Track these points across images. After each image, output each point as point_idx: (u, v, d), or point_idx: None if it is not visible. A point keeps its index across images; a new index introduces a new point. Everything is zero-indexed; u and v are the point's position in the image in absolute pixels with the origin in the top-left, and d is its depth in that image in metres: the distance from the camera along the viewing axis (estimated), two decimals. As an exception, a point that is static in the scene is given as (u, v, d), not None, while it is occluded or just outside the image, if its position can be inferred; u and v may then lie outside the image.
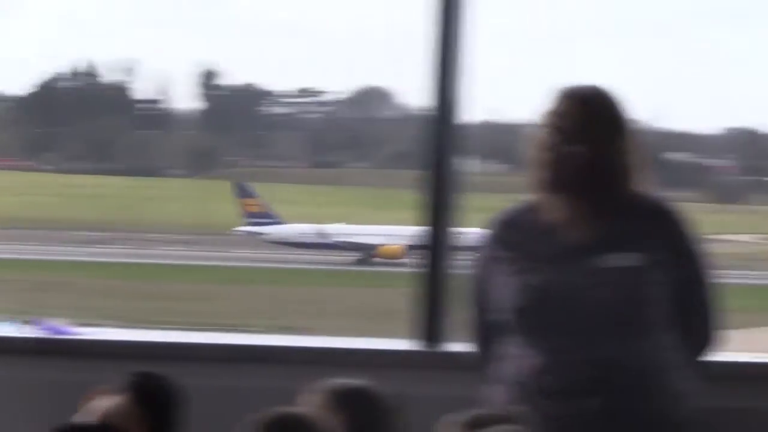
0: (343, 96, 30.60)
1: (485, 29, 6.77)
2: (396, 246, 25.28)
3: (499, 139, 22.51)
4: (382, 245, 26.56)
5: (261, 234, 27.94)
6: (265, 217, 27.80)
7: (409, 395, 5.13)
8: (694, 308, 5.20)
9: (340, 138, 31.08)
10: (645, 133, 5.17)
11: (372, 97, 29.89)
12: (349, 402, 4.81)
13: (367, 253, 27.29)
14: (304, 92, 30.49)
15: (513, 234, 5.20)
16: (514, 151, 6.25)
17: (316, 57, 33.19)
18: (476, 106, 6.48)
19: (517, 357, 5.10)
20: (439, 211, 6.22)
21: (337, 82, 30.32)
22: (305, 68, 33.13)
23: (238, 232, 28.16)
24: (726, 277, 5.57)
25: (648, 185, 5.21)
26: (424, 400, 5.15)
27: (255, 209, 27.60)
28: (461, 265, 5.82)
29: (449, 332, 6.01)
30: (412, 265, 6.65)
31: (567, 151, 5.01)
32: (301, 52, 33.12)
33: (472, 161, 6.49)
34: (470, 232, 5.91)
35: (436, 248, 6.29)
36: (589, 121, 5.07)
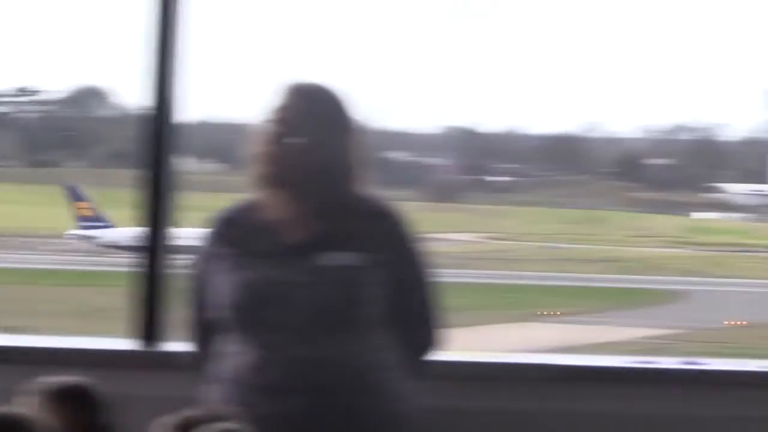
0: (61, 95, 30.32)
1: (205, 29, 6.75)
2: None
3: (217, 139, 22.46)
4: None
5: (93, 238, 27.51)
6: (97, 220, 27.39)
7: (127, 395, 5.07)
8: (414, 309, 5.25)
9: (57, 137, 30.79)
10: (366, 132, 5.19)
11: (89, 96, 29.64)
12: (66, 400, 4.74)
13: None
14: (21, 91, 30.12)
15: (233, 231, 5.19)
16: (233, 150, 6.26)
17: (32, 55, 32.89)
18: (194, 106, 6.44)
19: (234, 355, 5.11)
20: (156, 211, 6.17)
21: (54, 81, 30.09)
22: (21, 67, 32.68)
23: (71, 236, 27.83)
24: (446, 276, 5.63)
25: (369, 185, 5.24)
26: (142, 400, 5.08)
27: (87, 213, 27.19)
28: (180, 264, 5.80)
29: (168, 332, 5.98)
30: (130, 265, 6.54)
31: (288, 144, 5.03)
32: (17, 50, 32.85)
33: (189, 160, 6.44)
34: (189, 232, 5.89)
35: (153, 247, 6.22)
36: (311, 115, 5.07)
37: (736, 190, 20.71)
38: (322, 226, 5.09)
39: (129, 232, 27.86)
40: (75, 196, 27.79)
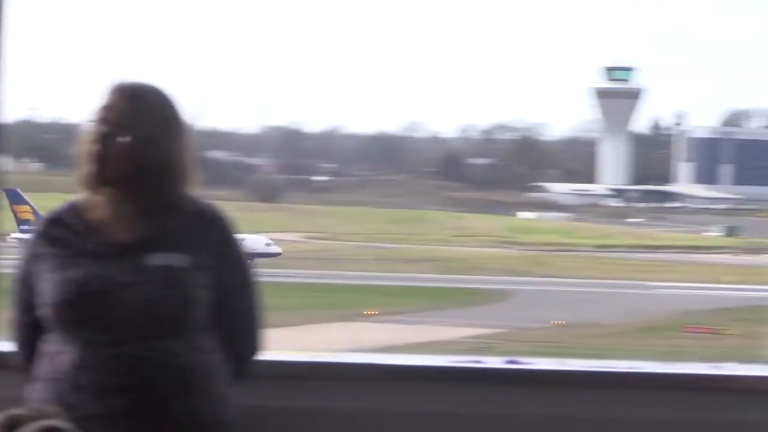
0: None
1: (27, 28, 6.69)
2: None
3: (37, 138, 22.25)
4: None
5: None
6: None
7: None
8: (240, 314, 5.28)
9: None
10: (192, 132, 5.20)
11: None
12: None
13: None
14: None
15: (57, 230, 5.13)
16: (54, 150, 6.19)
17: None
18: (14, 105, 6.38)
19: (55, 353, 5.07)
20: None
21: None
22: None
23: (12, 240, 27.01)
24: (270, 276, 5.67)
25: (196, 185, 5.26)
26: None
27: (28, 216, 26.47)
28: (10, 264, 5.74)
29: (-1, 331, 5.90)
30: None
31: (113, 143, 4.99)
32: None
33: (6, 159, 6.34)
34: (7, 231, 5.87)
35: None
36: (135, 114, 5.04)
37: (559, 189, 21.07)
38: (148, 226, 5.08)
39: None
40: (16, 200, 27.22)
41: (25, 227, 26.71)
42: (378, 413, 5.81)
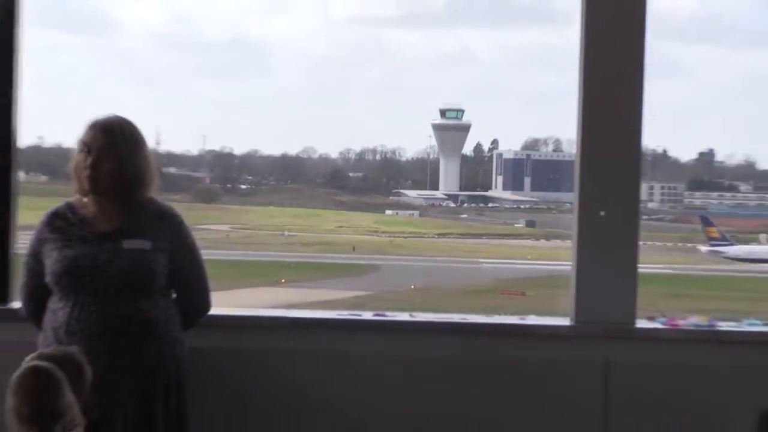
0: None
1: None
2: None
3: (43, 157, 22.02)
4: None
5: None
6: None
7: None
8: (189, 280, 5.32)
9: None
10: (151, 152, 5.25)
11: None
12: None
13: None
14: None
15: (58, 222, 5.19)
16: (56, 166, 6.13)
17: None
18: (26, 132, 6.26)
19: (56, 310, 5.12)
20: (5, 210, 6.02)
21: None
22: None
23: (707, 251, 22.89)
24: (209, 255, 5.67)
25: (156, 191, 5.29)
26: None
27: (716, 235, 22.75)
28: (23, 247, 5.70)
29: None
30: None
31: (97, 167, 5.06)
32: None
33: (19, 173, 6.30)
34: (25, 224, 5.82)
35: (2, 233, 6.03)
36: (112, 144, 5.09)
37: (411, 194, 20.96)
38: (123, 220, 5.15)
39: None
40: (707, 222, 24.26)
41: (716, 243, 22.03)
42: (287, 352, 5.79)
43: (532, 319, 6.28)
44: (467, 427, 5.51)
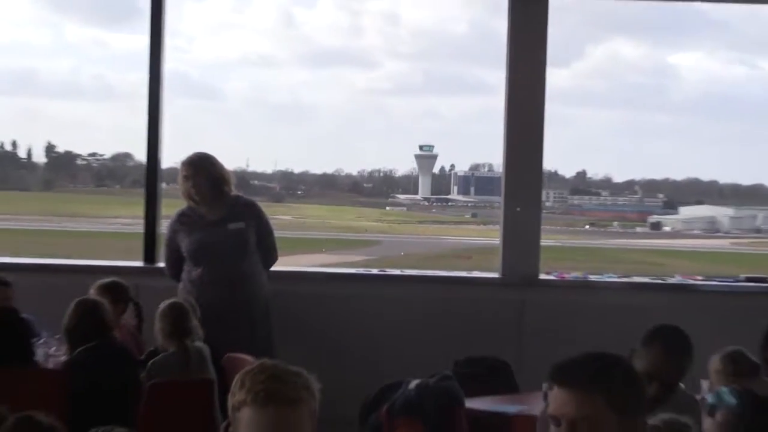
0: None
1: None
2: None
3: (168, 174, 21.08)
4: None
5: None
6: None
7: (138, 286, 5.03)
8: (268, 246, 5.19)
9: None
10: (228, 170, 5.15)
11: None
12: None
13: None
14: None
15: (183, 219, 5.11)
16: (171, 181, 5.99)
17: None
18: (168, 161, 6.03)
19: (189, 271, 5.04)
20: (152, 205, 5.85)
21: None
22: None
23: None
24: (280, 234, 5.58)
25: (238, 189, 5.24)
26: (148, 289, 4.99)
27: None
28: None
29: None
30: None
31: (199, 190, 5.00)
32: None
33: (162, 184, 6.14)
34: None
35: (151, 219, 5.82)
36: (199, 169, 5.01)
37: (402, 197, 20.94)
38: (224, 212, 5.06)
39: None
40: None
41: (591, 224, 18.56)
42: (324, 294, 5.69)
43: (475, 273, 6.27)
44: (435, 339, 5.38)
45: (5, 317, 4.10)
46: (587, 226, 18.38)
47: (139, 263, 5.79)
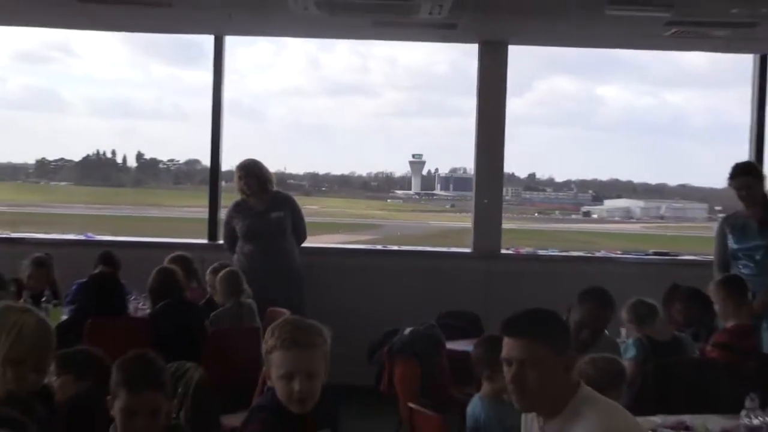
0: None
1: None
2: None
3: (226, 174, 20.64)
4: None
5: None
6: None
7: (202, 259, 4.90)
8: (299, 229, 5.09)
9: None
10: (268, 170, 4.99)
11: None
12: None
13: None
14: None
15: (237, 208, 5.01)
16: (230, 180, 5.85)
17: None
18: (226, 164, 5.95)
19: (242, 247, 4.95)
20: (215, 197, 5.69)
21: None
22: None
23: None
24: (309, 218, 5.49)
25: (277, 186, 5.10)
26: (212, 261, 4.79)
27: None
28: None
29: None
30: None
31: (248, 184, 4.90)
32: None
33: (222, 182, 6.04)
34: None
35: (213, 208, 5.63)
36: (249, 172, 4.88)
37: (399, 193, 20.72)
38: (267, 204, 4.96)
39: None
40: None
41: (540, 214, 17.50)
42: (342, 265, 5.59)
43: (453, 249, 6.21)
44: (423, 297, 5.26)
45: (107, 282, 4.13)
46: (536, 214, 18.51)
47: (204, 241, 5.73)
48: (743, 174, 3.94)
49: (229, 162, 5.77)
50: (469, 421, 2.66)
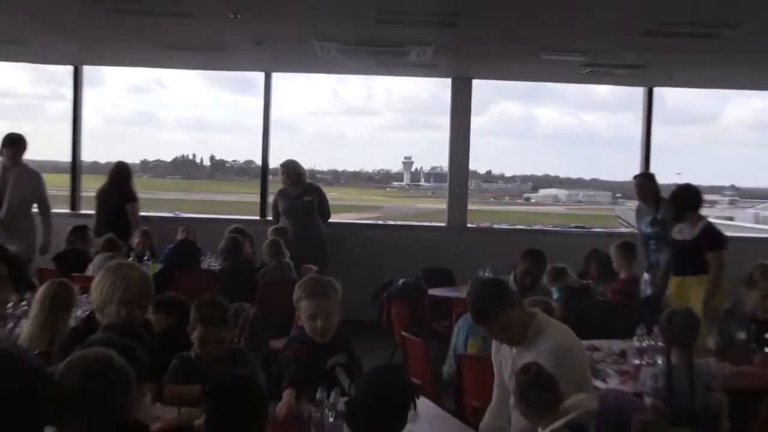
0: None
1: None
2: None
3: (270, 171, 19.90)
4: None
5: None
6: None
7: (256, 232, 4.65)
8: (324, 210, 4.93)
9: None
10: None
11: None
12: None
13: None
14: None
15: (281, 194, 4.86)
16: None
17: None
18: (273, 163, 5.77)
19: (284, 220, 4.77)
20: (264, 189, 5.47)
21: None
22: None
23: None
24: (331, 202, 5.33)
25: (307, 178, 4.90)
26: (262, 232, 4.63)
27: None
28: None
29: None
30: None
31: (288, 178, 4.73)
32: None
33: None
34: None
35: (263, 194, 5.48)
36: (290, 168, 4.71)
37: (395, 184, 20.46)
38: (301, 190, 4.81)
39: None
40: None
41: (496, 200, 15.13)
42: (358, 234, 5.38)
43: (433, 223, 5.99)
44: (412, 259, 5.01)
45: (186, 247, 4.14)
46: (492, 199, 18.78)
47: (256, 217, 5.64)
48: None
49: (274, 161, 5.70)
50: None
